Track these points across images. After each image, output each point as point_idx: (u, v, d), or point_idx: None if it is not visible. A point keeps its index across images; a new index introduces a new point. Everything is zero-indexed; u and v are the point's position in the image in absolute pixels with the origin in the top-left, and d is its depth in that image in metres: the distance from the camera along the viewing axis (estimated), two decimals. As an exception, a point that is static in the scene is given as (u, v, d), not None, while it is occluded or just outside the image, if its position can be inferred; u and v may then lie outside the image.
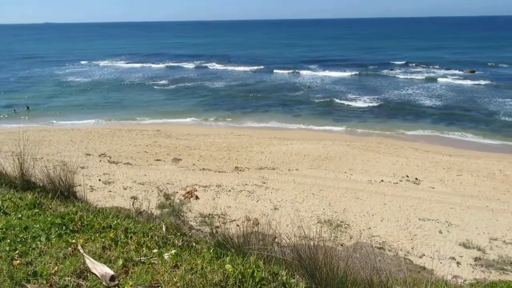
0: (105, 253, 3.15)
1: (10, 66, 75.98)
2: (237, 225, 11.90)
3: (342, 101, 42.21)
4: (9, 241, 3.28)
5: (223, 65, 75.30)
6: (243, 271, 2.86)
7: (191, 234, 4.56)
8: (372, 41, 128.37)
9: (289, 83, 55.09)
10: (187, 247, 3.53)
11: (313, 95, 45.53)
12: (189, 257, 3.18)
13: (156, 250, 3.30)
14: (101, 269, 2.82)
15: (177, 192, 18.30)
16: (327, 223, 15.69)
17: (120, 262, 2.98)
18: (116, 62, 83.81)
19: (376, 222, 15.95)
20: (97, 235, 3.53)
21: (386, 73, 61.74)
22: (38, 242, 3.29)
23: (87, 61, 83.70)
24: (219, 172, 21.73)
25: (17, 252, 3.11)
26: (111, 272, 2.79)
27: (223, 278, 2.77)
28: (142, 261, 3.07)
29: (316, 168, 22.40)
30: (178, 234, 3.99)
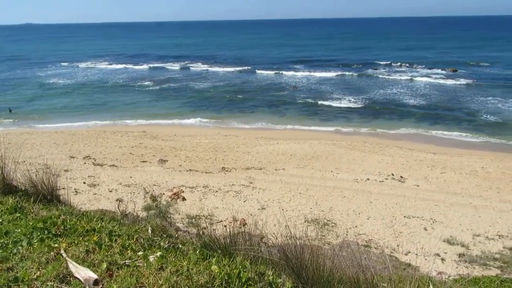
0: (89, 256, 3.10)
1: (-10, 68, 74.36)
2: (224, 226, 11.88)
3: (327, 101, 42.54)
4: (-11, 246, 3.20)
5: (209, 65, 74.95)
6: (230, 272, 2.85)
7: (177, 235, 4.52)
8: (357, 41, 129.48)
9: (275, 83, 55.23)
10: (173, 249, 3.50)
11: (299, 95, 45.80)
12: (175, 259, 3.15)
13: (142, 253, 3.26)
14: (84, 273, 2.77)
15: (163, 194, 18.16)
16: (314, 222, 15.78)
17: (104, 266, 2.93)
18: (99, 63, 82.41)
19: (362, 220, 16.12)
20: (81, 238, 3.47)
21: (370, 72, 62.48)
22: (20, 247, 3.21)
23: (69, 63, 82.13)
24: (206, 173, 21.64)
25: (-3, 257, 3.03)
26: (94, 276, 2.75)
27: (209, 280, 2.76)
28: (126, 264, 3.02)
29: (302, 168, 22.50)
30: (164, 236, 3.95)
